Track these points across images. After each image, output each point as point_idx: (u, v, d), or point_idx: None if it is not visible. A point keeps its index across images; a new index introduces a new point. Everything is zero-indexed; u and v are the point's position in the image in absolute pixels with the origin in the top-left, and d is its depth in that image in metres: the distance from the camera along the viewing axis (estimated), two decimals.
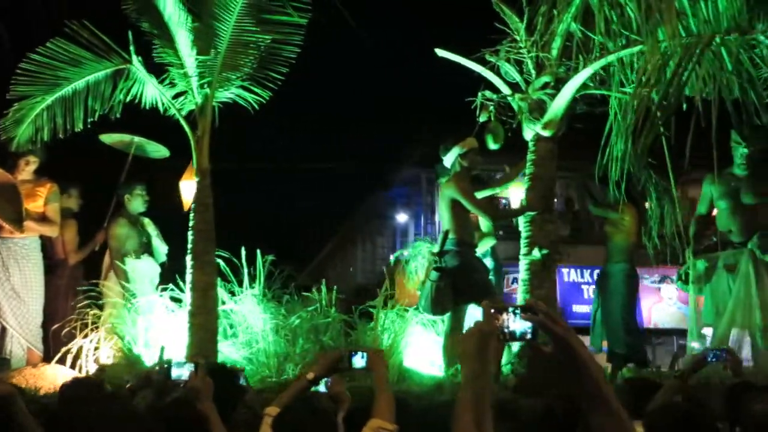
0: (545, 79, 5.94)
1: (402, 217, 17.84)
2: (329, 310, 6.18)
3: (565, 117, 5.94)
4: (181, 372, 2.86)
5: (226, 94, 5.78)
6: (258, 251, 6.50)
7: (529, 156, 6.02)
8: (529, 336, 1.53)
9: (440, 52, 6.32)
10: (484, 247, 6.64)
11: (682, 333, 10.24)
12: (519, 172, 6.15)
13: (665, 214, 7.68)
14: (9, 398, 2.22)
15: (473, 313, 5.75)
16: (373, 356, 2.65)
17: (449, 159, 5.99)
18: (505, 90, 6.16)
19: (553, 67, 5.90)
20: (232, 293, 6.13)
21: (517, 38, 5.96)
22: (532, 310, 1.54)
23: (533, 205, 5.86)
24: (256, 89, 5.79)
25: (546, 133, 5.93)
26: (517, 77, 6.05)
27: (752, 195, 6.20)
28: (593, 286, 16.12)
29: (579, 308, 15.64)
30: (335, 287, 6.26)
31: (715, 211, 6.68)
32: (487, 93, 6.09)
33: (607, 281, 7.59)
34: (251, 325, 6.00)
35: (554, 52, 5.93)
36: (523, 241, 5.94)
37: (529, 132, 6.03)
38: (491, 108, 6.06)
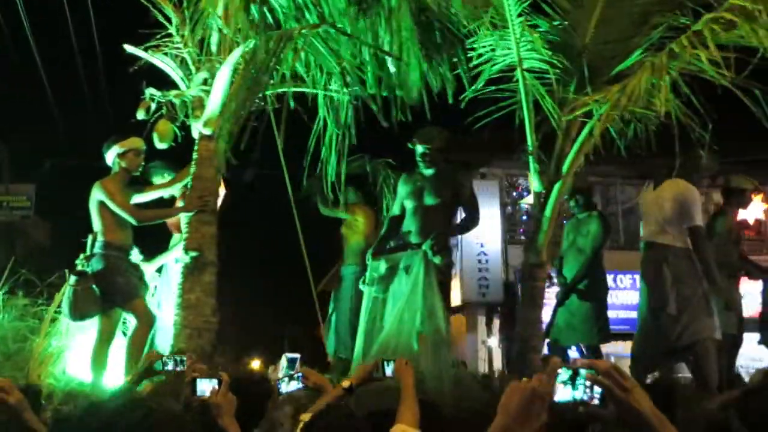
0: (203, 75, 5.72)
1: None
2: None
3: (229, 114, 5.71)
4: (206, 387, 2.81)
5: None
6: None
7: (194, 155, 5.79)
8: (596, 401, 1.31)
9: (129, 48, 6.10)
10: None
11: None
12: (188, 174, 5.90)
13: None
14: (19, 406, 2.25)
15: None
16: (398, 365, 2.77)
17: (109, 158, 5.75)
18: (183, 86, 5.95)
19: (212, 62, 5.69)
20: None
21: (172, 32, 5.74)
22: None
23: (188, 206, 5.63)
24: None
25: (207, 131, 5.70)
26: (180, 73, 5.83)
27: (433, 195, 6.01)
28: (622, 292, 15.93)
29: (608, 313, 15.12)
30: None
31: None
32: (152, 89, 5.85)
33: (339, 284, 7.41)
34: None
35: (214, 48, 5.73)
36: (182, 244, 5.71)
37: (196, 130, 5.81)
38: (151, 105, 5.81)
